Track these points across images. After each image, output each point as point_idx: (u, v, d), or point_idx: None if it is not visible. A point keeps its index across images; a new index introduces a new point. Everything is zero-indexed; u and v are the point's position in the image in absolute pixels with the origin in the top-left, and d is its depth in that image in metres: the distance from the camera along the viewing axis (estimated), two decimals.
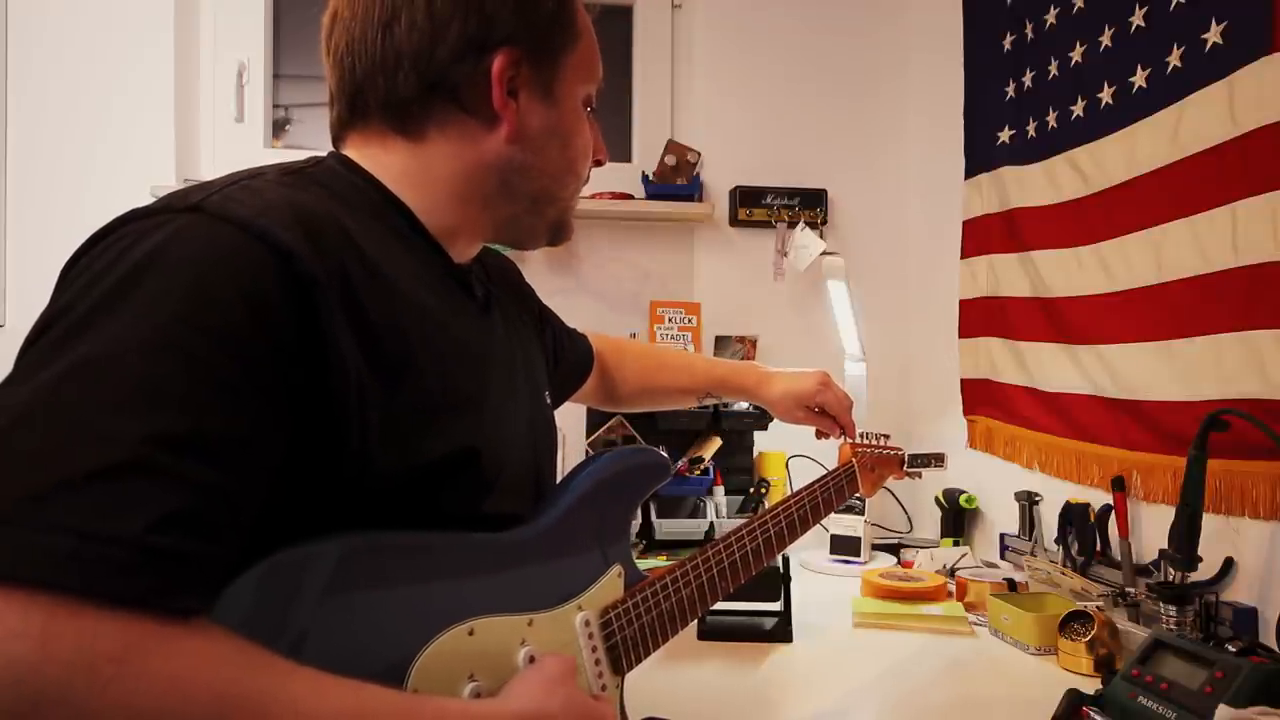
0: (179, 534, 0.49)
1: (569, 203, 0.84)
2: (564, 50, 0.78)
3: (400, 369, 0.65)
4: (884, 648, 1.37)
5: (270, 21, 2.17)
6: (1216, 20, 1.28)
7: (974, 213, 1.95)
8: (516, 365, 0.85)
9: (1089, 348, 1.57)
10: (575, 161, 0.82)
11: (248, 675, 0.51)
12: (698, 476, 1.91)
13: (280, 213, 0.60)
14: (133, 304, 0.54)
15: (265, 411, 0.56)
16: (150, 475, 0.49)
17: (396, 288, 0.67)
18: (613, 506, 0.87)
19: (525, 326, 0.96)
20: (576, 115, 0.81)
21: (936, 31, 2.12)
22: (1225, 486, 1.27)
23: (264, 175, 0.67)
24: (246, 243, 0.57)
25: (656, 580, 0.88)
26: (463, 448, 0.69)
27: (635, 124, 2.28)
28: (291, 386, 0.58)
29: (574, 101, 0.80)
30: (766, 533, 1.01)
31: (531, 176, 0.79)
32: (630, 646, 0.83)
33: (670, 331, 2.19)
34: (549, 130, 0.78)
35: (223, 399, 0.54)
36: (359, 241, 0.65)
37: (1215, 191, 1.28)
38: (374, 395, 0.62)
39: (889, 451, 1.35)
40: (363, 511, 0.64)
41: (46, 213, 1.99)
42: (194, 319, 0.54)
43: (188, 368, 0.53)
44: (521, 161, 0.77)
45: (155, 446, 0.50)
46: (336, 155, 0.76)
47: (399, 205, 0.75)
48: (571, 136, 0.80)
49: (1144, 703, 1.02)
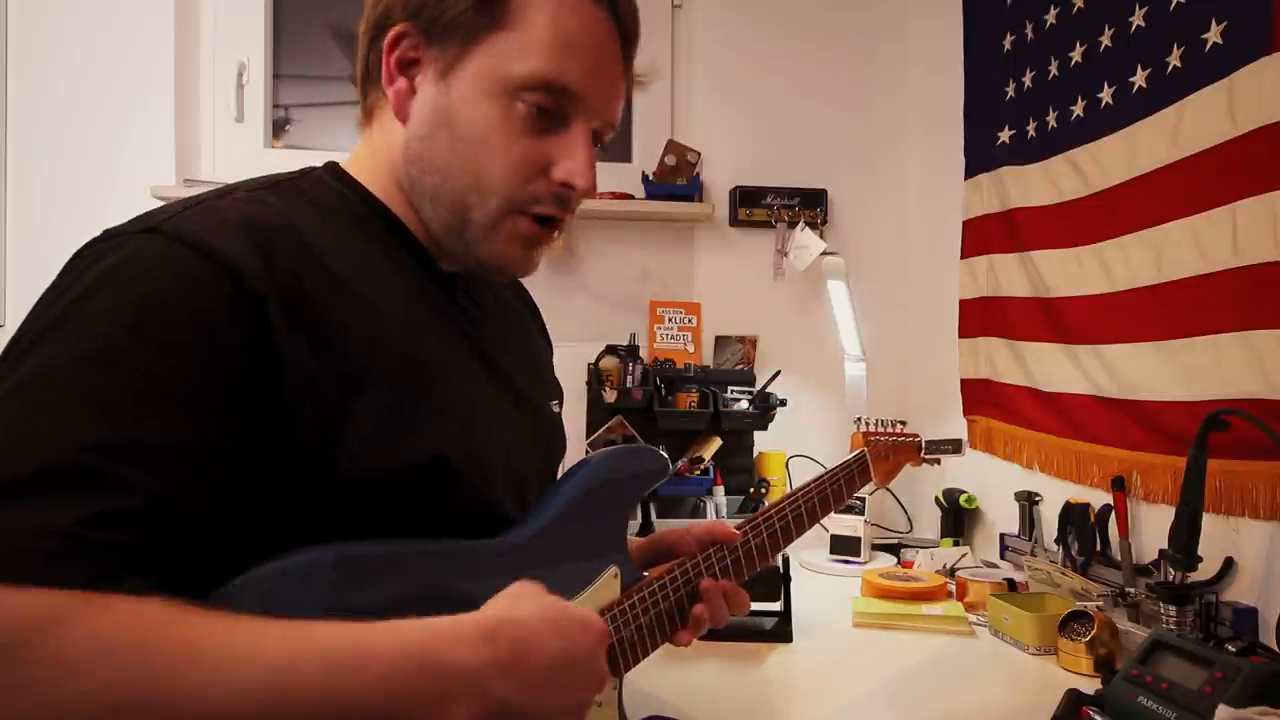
0: (108, 529, 0.52)
1: (479, 215, 0.72)
2: (476, 32, 0.69)
3: (360, 378, 0.65)
4: (884, 648, 1.37)
5: (270, 21, 2.17)
6: (1216, 20, 1.28)
7: (974, 213, 1.95)
8: (508, 376, 0.84)
9: (1089, 348, 1.57)
10: (478, 160, 0.71)
11: (179, 623, 0.52)
12: (698, 476, 1.91)
13: (233, 231, 0.62)
14: (82, 319, 0.57)
15: (210, 422, 0.58)
16: (85, 478, 0.52)
17: (360, 298, 0.68)
18: (609, 507, 0.86)
19: (530, 339, 0.95)
20: (481, 101, 0.70)
21: (936, 31, 2.12)
22: (1225, 486, 1.26)
23: (233, 193, 0.69)
24: (196, 261, 0.60)
25: (654, 580, 0.87)
26: (430, 456, 0.68)
27: (635, 124, 2.28)
28: (242, 398, 0.60)
29: (481, 85, 0.70)
30: (772, 528, 0.97)
31: (426, 171, 0.73)
32: (628, 647, 0.82)
33: (670, 331, 2.19)
34: (436, 112, 0.71)
35: (164, 409, 0.56)
36: (321, 254, 0.67)
37: (1215, 191, 1.28)
38: (331, 405, 0.63)
39: (905, 438, 1.29)
40: (338, 517, 0.64)
41: (47, 213, 1.99)
42: (139, 333, 0.57)
43: (130, 379, 0.56)
44: (416, 152, 0.73)
45: (92, 453, 0.53)
46: (329, 165, 0.78)
47: (383, 212, 0.76)
48: (462, 125, 0.70)
49: (1144, 703, 1.02)
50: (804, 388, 2.19)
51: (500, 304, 0.91)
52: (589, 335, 2.11)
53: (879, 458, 1.20)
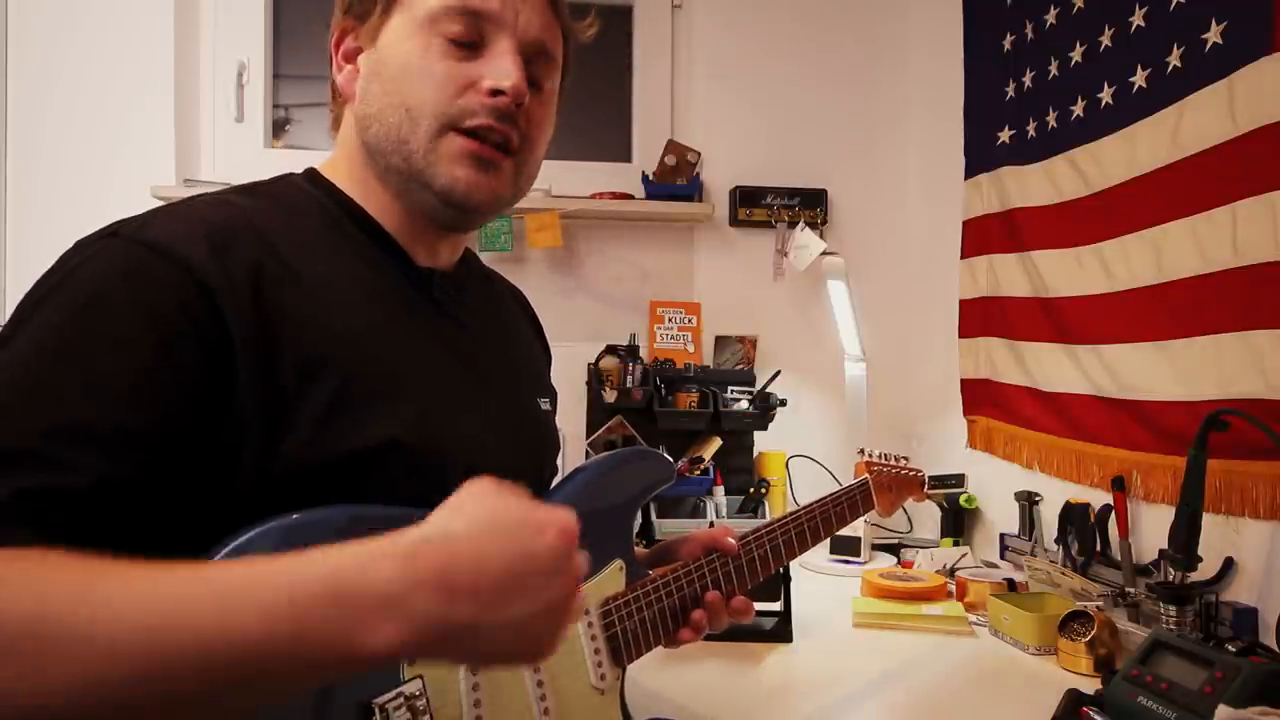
0: (44, 505, 0.54)
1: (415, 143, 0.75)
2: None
3: (314, 365, 0.67)
4: (884, 648, 1.37)
5: (270, 21, 2.17)
6: (1216, 20, 1.28)
7: (974, 213, 1.95)
8: (487, 371, 0.84)
9: (1089, 348, 1.57)
10: (403, 93, 0.74)
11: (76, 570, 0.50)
12: (698, 476, 1.91)
13: (190, 229, 0.66)
14: (40, 315, 0.61)
15: (161, 409, 0.60)
16: (29, 460, 0.55)
17: (321, 290, 0.70)
18: (615, 503, 0.88)
19: (520, 337, 0.96)
20: (401, 43, 0.75)
21: (936, 31, 2.12)
22: (1225, 486, 1.27)
23: (203, 197, 0.73)
24: (150, 258, 0.63)
25: (660, 576, 0.89)
26: (382, 441, 0.68)
27: (635, 124, 2.28)
28: (194, 386, 0.62)
29: (401, 32, 0.75)
30: (775, 540, 1.00)
31: (369, 127, 0.77)
32: (631, 639, 0.84)
33: (670, 331, 2.19)
34: (369, 75, 0.77)
35: (115, 397, 0.59)
36: (281, 249, 0.70)
37: (1215, 191, 1.28)
38: (285, 392, 0.65)
39: (908, 472, 1.30)
40: (291, 501, 0.64)
41: (47, 213, 1.99)
42: (90, 326, 0.60)
43: (80, 368, 0.58)
44: (360, 115, 0.78)
45: (39, 438, 0.55)
46: (308, 171, 0.82)
47: (357, 212, 0.79)
48: (389, 69, 0.75)
49: (1144, 703, 1.02)
50: (804, 388, 2.19)
51: (487, 303, 0.92)
52: (589, 335, 2.11)
53: (882, 489, 1.21)
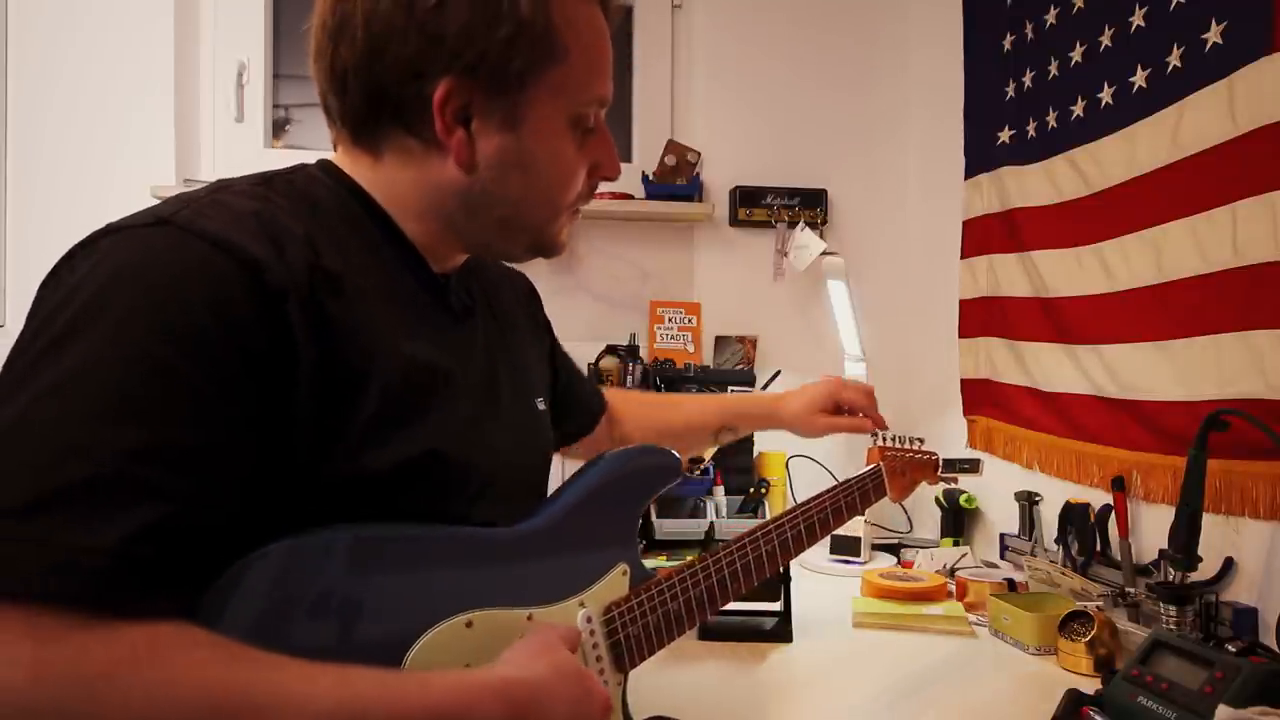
0: (154, 543, 0.52)
1: (548, 228, 0.79)
2: (532, 73, 0.70)
3: (361, 377, 0.65)
4: (884, 648, 1.37)
5: (270, 21, 2.17)
6: (1216, 20, 1.28)
7: (974, 213, 1.95)
8: (498, 375, 0.84)
9: (1089, 348, 1.57)
10: (551, 190, 0.76)
11: (235, 671, 0.53)
12: (698, 477, 1.91)
13: (248, 225, 0.62)
14: (106, 320, 0.55)
15: (236, 420, 0.58)
16: (125, 487, 0.52)
17: (360, 300, 0.67)
18: (619, 505, 0.87)
19: (517, 331, 0.95)
20: (551, 139, 0.74)
21: (936, 31, 2.12)
22: (1225, 486, 1.27)
23: (233, 187, 0.68)
24: (215, 256, 0.59)
25: (663, 580, 0.88)
26: (422, 453, 0.68)
27: (635, 124, 2.28)
28: (261, 395, 0.59)
29: (550, 125, 0.73)
30: (783, 536, 0.98)
31: (494, 203, 0.74)
32: (633, 644, 0.83)
33: (670, 331, 2.19)
34: (509, 160, 0.72)
35: (195, 409, 0.56)
36: (323, 253, 0.66)
37: (1215, 191, 1.28)
38: (334, 403, 0.63)
39: (922, 455, 1.28)
40: (332, 513, 0.64)
41: (47, 213, 1.99)
42: (164, 333, 0.56)
43: (159, 381, 0.55)
44: (481, 189, 0.73)
45: (129, 459, 0.52)
46: (323, 163, 0.77)
47: (379, 214, 0.75)
48: (539, 165, 0.74)
49: (1144, 703, 1.02)
50: None
51: (488, 303, 0.91)
52: (589, 335, 2.11)
53: (895, 473, 1.19)
